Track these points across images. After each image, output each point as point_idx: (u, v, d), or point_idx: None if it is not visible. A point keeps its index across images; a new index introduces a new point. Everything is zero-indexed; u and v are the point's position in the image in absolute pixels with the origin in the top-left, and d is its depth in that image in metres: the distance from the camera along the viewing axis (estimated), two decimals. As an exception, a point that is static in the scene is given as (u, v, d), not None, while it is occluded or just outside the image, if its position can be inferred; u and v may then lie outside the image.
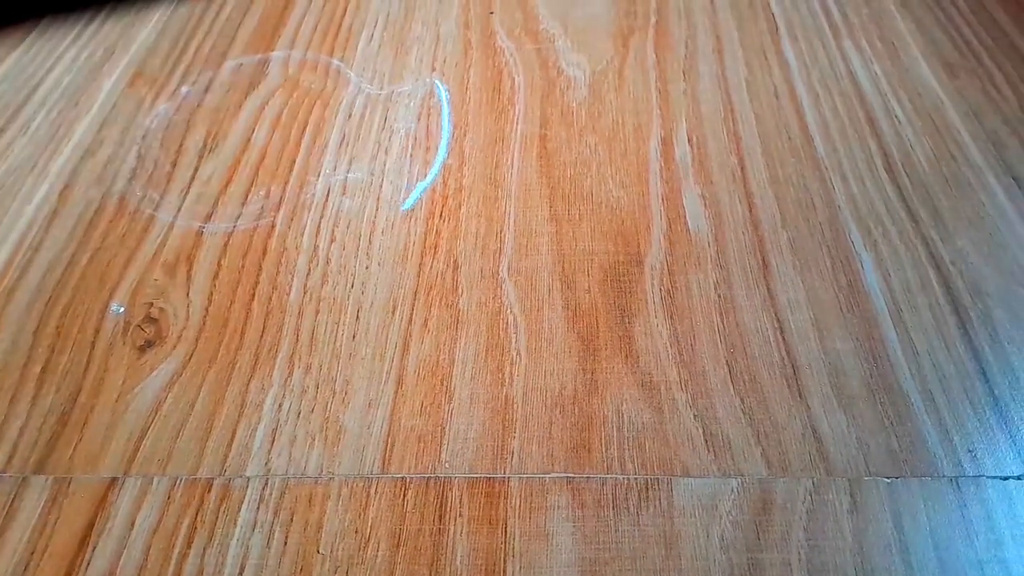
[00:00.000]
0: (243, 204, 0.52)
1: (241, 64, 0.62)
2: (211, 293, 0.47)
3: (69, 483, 0.39)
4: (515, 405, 0.41)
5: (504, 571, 0.36)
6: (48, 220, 0.51)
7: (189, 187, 0.53)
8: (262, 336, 0.44)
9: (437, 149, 0.55)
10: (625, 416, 0.41)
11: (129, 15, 0.67)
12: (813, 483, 0.38)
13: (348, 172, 0.54)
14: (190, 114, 0.58)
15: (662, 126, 0.57)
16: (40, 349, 0.44)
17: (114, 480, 0.39)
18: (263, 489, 0.38)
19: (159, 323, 0.45)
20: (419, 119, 0.58)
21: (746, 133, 0.56)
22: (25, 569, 0.36)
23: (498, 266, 0.48)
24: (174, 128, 0.57)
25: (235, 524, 0.37)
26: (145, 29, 0.65)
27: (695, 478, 0.38)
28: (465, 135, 0.56)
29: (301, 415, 0.41)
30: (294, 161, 0.54)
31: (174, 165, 0.54)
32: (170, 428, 0.41)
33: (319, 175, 0.54)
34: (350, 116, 0.58)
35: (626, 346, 0.44)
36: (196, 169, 0.54)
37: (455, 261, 0.48)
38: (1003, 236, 0.49)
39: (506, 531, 0.37)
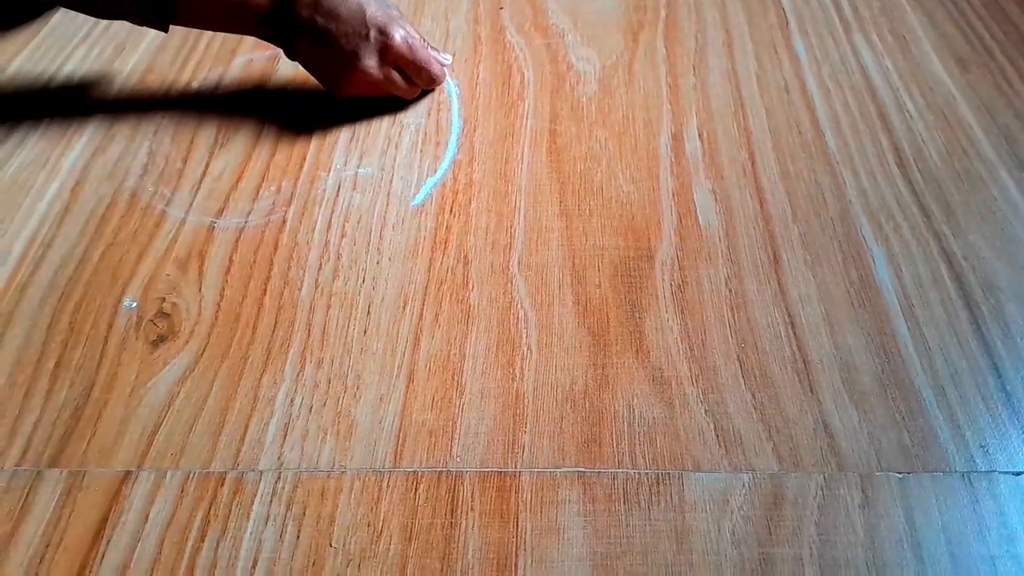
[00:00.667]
0: (254, 200, 0.52)
1: (251, 60, 0.62)
2: (223, 288, 0.47)
3: (83, 477, 0.39)
4: (526, 400, 0.41)
5: (516, 565, 0.36)
6: (60, 216, 0.51)
7: (200, 183, 0.53)
8: (274, 331, 0.45)
9: (447, 144, 0.56)
10: (636, 411, 0.41)
11: (139, 11, 0.67)
12: (824, 478, 0.38)
13: (359, 167, 0.54)
14: (201, 110, 0.58)
15: (672, 121, 0.57)
16: (53, 344, 0.44)
17: (128, 474, 0.39)
18: (276, 483, 0.39)
19: (171, 318, 0.45)
20: (429, 114, 0.58)
21: (756, 128, 0.56)
22: (40, 562, 0.36)
23: (508, 261, 0.48)
24: (185, 124, 0.57)
25: (248, 517, 0.37)
26: (155, 25, 0.66)
27: (706, 473, 0.38)
28: (475, 130, 0.56)
29: (313, 409, 0.41)
30: (305, 157, 0.55)
31: (185, 161, 0.54)
32: (183, 422, 0.41)
33: (330, 170, 0.54)
34: (360, 112, 0.58)
35: (637, 341, 0.44)
36: (207, 165, 0.54)
37: (465, 256, 0.48)
38: (1015, 231, 0.49)
39: (517, 525, 0.37)
